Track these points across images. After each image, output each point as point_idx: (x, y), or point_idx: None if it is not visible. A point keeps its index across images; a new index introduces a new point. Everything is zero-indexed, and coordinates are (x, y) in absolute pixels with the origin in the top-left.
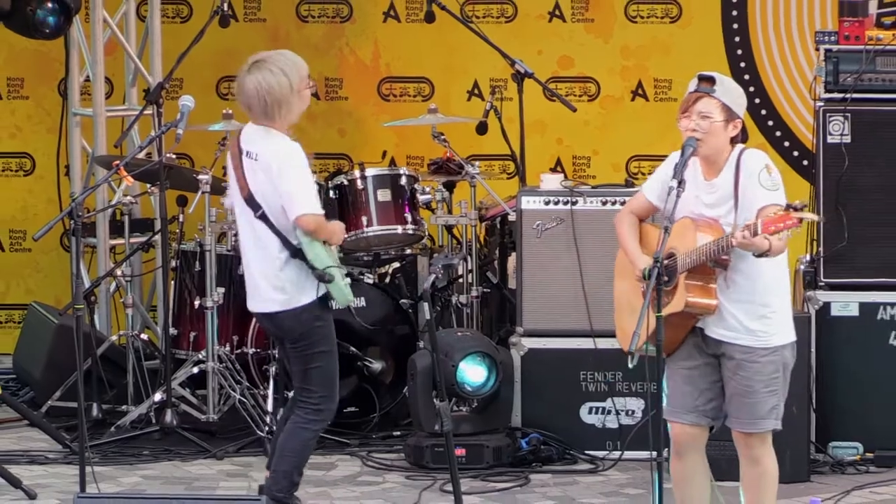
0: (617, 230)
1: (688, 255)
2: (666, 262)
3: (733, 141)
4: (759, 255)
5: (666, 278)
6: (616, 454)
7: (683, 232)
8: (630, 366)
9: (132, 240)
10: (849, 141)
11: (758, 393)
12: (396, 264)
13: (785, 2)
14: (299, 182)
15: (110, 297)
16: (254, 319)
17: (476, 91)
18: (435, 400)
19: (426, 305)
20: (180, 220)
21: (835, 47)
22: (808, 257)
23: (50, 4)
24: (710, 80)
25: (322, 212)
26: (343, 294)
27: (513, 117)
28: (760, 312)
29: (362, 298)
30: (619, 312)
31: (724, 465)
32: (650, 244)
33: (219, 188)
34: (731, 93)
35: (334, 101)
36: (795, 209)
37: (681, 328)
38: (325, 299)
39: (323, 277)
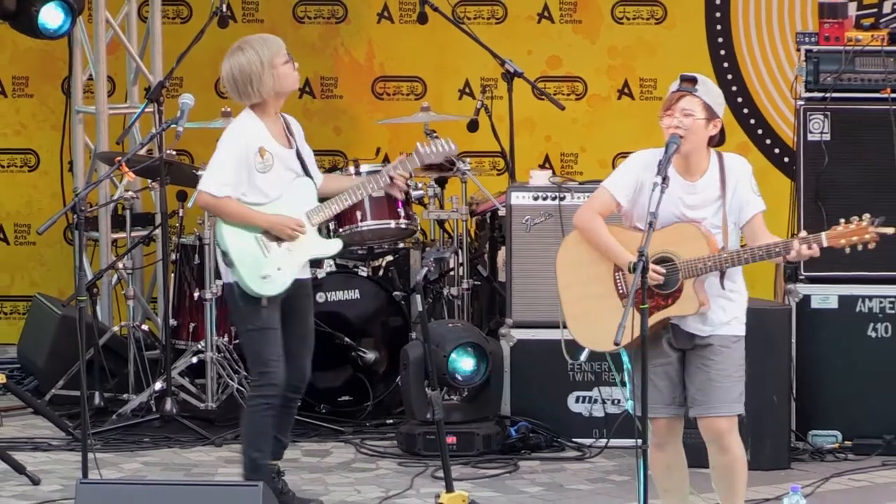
0: (592, 229)
1: (701, 260)
2: (665, 265)
3: (710, 142)
4: (788, 262)
5: (661, 279)
6: (602, 442)
7: (688, 237)
8: (580, 361)
9: (133, 234)
10: (828, 138)
11: (731, 377)
12: (389, 258)
13: (767, 4)
14: (214, 158)
15: (112, 289)
16: None
17: (467, 90)
18: (427, 389)
19: (418, 297)
20: (180, 214)
21: (815, 48)
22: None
23: (54, 5)
24: (693, 80)
25: (224, 194)
26: (245, 283)
27: (503, 115)
28: (729, 304)
29: (356, 290)
30: (575, 311)
31: (700, 452)
32: (624, 243)
33: None
34: (712, 93)
35: (330, 99)
36: (873, 223)
37: (657, 326)
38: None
39: (223, 259)
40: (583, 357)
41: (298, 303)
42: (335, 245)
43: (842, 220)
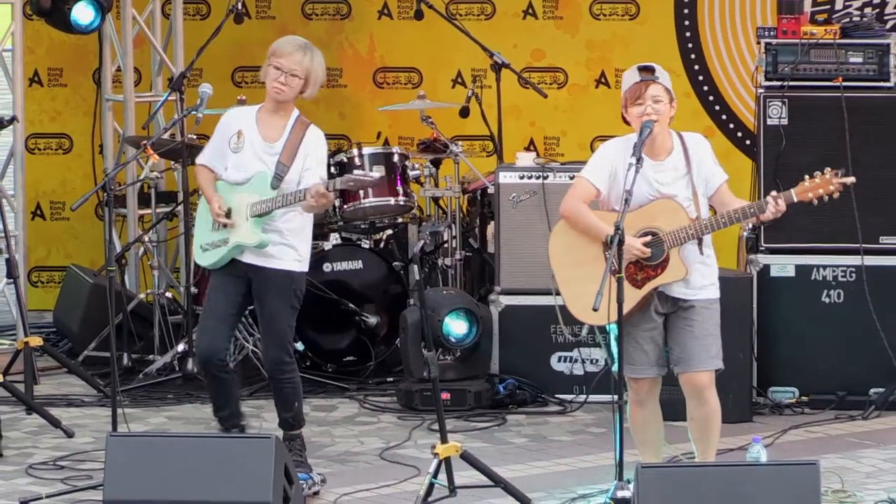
0: (580, 215)
1: (683, 230)
2: (650, 238)
3: (669, 122)
4: (761, 223)
5: (648, 252)
6: (582, 398)
7: (668, 211)
8: (586, 333)
9: (158, 210)
10: (786, 123)
11: (711, 335)
12: (390, 231)
13: (730, 1)
14: None
15: (139, 259)
16: None
17: (459, 80)
18: (423, 350)
19: (416, 267)
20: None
21: (774, 41)
22: (750, 225)
23: (85, 3)
24: (651, 70)
25: (200, 162)
26: (194, 248)
27: (491, 103)
28: (707, 270)
29: (360, 261)
30: (573, 294)
31: (674, 407)
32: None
33: None
34: (666, 78)
35: (335, 88)
36: (835, 173)
37: (648, 295)
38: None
39: None
40: (584, 331)
41: (257, 287)
42: (260, 238)
43: (806, 176)
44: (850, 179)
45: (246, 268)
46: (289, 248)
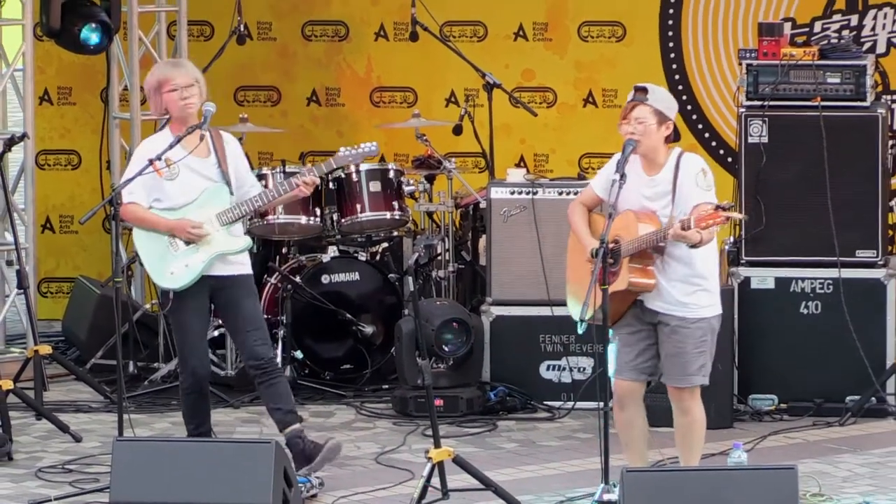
0: (570, 218)
1: (630, 242)
2: (612, 246)
3: (667, 140)
4: (692, 246)
5: (612, 260)
6: (569, 405)
7: (627, 223)
8: (580, 332)
9: None
10: (766, 141)
11: (688, 353)
12: (385, 244)
13: (713, 23)
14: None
15: (144, 271)
16: (264, 290)
17: (453, 99)
18: (418, 358)
19: (410, 279)
20: None
21: (755, 62)
22: (732, 239)
23: (93, 24)
24: (644, 91)
25: (129, 200)
26: (154, 279)
27: (483, 121)
28: (692, 289)
29: (357, 273)
30: (571, 286)
31: (660, 413)
32: (597, 230)
33: None
34: (663, 100)
35: (333, 107)
36: (724, 209)
37: (624, 302)
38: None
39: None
40: (583, 328)
41: (229, 295)
42: (243, 241)
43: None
44: (737, 215)
45: (213, 281)
46: (244, 253)
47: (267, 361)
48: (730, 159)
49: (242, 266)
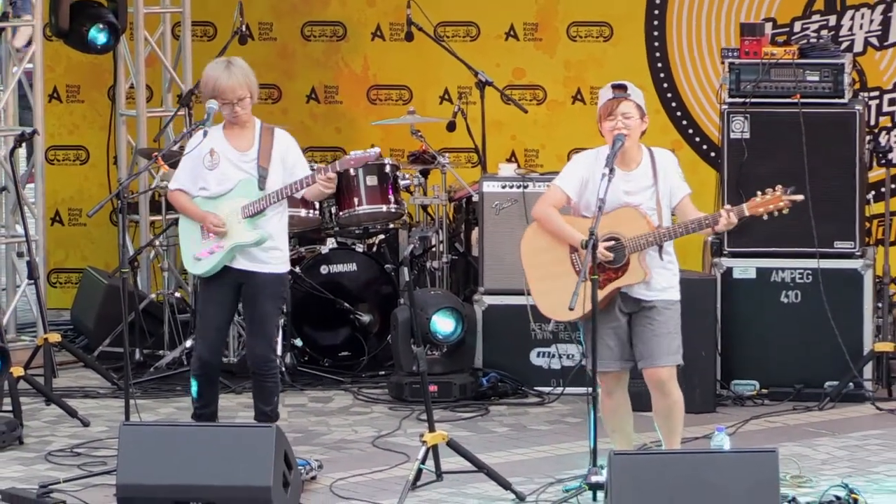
0: (549, 219)
1: (643, 237)
2: (613, 242)
3: (640, 136)
4: (716, 233)
5: (611, 256)
6: (559, 390)
7: (630, 219)
8: (552, 328)
9: (168, 216)
10: (748, 137)
11: (671, 333)
12: (382, 236)
13: (697, 23)
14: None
15: (150, 262)
16: None
17: (446, 96)
18: (413, 346)
19: (406, 269)
20: None
21: (737, 61)
22: (709, 235)
23: (101, 25)
24: (623, 87)
25: (174, 187)
26: (184, 261)
27: (476, 118)
28: (669, 275)
29: (354, 264)
30: (542, 292)
31: (642, 398)
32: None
33: None
34: (639, 95)
35: (332, 104)
36: (786, 192)
37: (610, 295)
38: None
39: None
40: (551, 325)
41: (250, 291)
42: (256, 235)
43: (758, 192)
44: (799, 197)
45: (238, 274)
46: (276, 250)
47: (262, 364)
48: (713, 154)
49: (268, 265)
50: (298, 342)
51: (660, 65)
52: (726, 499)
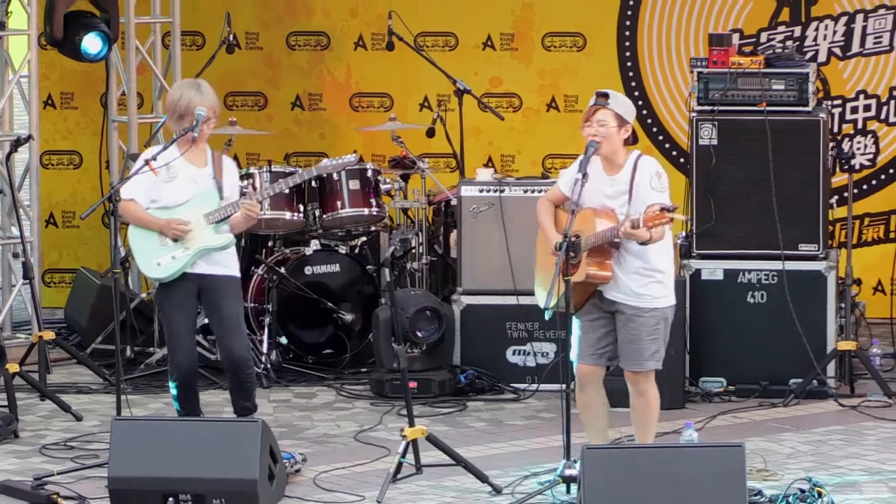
0: (538, 214)
1: (588, 237)
2: (573, 240)
3: (626, 142)
4: (642, 243)
5: (573, 254)
6: (534, 387)
7: (586, 219)
8: (547, 318)
9: None
10: (716, 143)
11: (643, 340)
12: (364, 238)
13: (667, 35)
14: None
15: None
16: (251, 280)
17: (426, 104)
18: (393, 344)
19: (387, 270)
20: None
21: (705, 70)
22: (684, 234)
23: (93, 35)
24: (605, 96)
25: (128, 197)
26: (143, 270)
27: (454, 124)
28: (646, 281)
29: (337, 265)
30: (540, 276)
31: (618, 394)
32: (561, 225)
33: None
34: (622, 105)
35: (316, 111)
36: (668, 210)
37: (585, 292)
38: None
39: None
40: (548, 314)
41: (212, 296)
42: (226, 238)
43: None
44: (679, 216)
45: (196, 278)
46: (231, 256)
47: (241, 363)
48: (682, 160)
49: (227, 268)
50: (283, 340)
51: (631, 74)
52: (695, 491)
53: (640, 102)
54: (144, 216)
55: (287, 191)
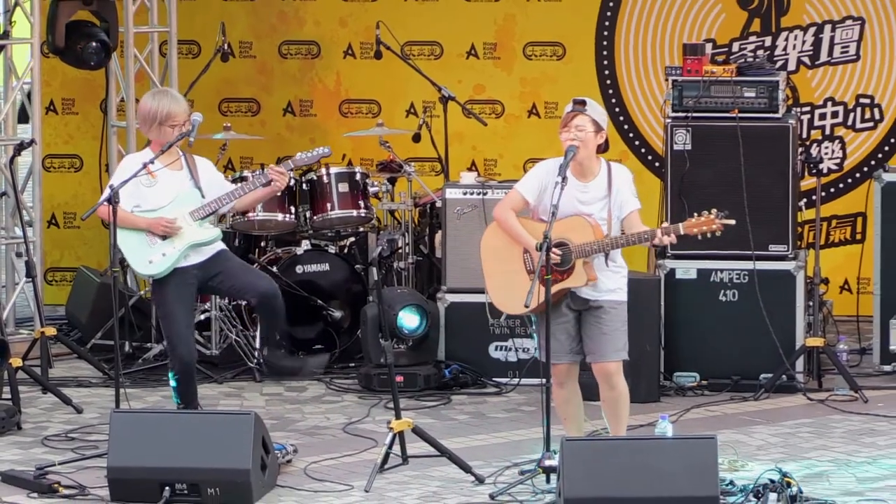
0: (506, 221)
1: (587, 245)
2: (561, 248)
3: (599, 150)
4: (655, 246)
5: (558, 259)
6: (515, 381)
7: (578, 227)
8: (500, 320)
9: None
10: (690, 148)
11: (618, 331)
12: (352, 239)
13: (643, 44)
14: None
15: None
16: None
17: (412, 110)
18: (381, 340)
19: (374, 269)
20: None
21: (680, 78)
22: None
23: (94, 44)
24: (582, 103)
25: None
26: (135, 270)
27: (439, 130)
28: (616, 277)
29: (327, 264)
30: (495, 285)
31: (592, 389)
32: (530, 232)
33: None
34: (597, 111)
35: (307, 117)
36: (719, 216)
37: (561, 293)
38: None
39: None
40: (502, 318)
41: (215, 268)
42: (213, 231)
43: (695, 214)
44: (731, 221)
45: (195, 270)
46: (217, 245)
47: (273, 291)
48: (657, 164)
49: (215, 248)
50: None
51: (608, 81)
52: (669, 482)
53: (617, 109)
54: (130, 217)
55: (291, 172)
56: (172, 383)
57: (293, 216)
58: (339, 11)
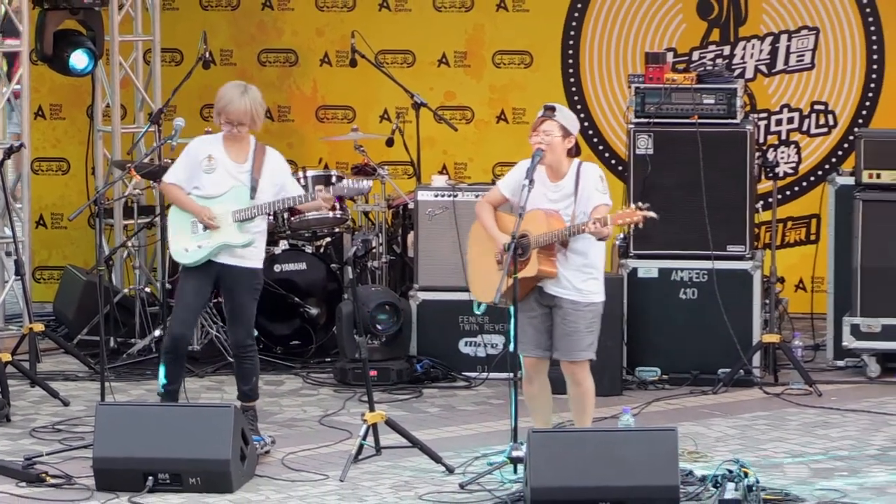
0: (480, 215)
1: (542, 235)
2: (521, 239)
3: (570, 153)
4: (600, 239)
5: (521, 251)
6: (484, 375)
7: (535, 220)
8: (477, 312)
9: (139, 220)
10: (652, 153)
11: (581, 332)
12: (328, 239)
13: (607, 53)
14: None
15: (123, 261)
16: None
17: (386, 116)
18: (355, 336)
19: (349, 268)
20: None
21: (642, 86)
22: (622, 235)
23: (80, 51)
24: (552, 108)
25: (170, 181)
26: (172, 250)
27: (412, 135)
28: (585, 277)
29: (304, 263)
30: (473, 271)
31: (561, 383)
32: (503, 226)
33: None
34: (567, 117)
35: (285, 122)
36: (641, 208)
37: (528, 286)
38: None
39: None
40: (481, 309)
41: (229, 283)
42: (243, 238)
43: (623, 206)
44: (652, 214)
45: (218, 267)
46: (255, 248)
47: (240, 348)
48: (620, 168)
49: (248, 260)
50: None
51: (574, 89)
52: (632, 471)
53: (582, 115)
54: (184, 199)
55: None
56: (162, 361)
57: (271, 217)
58: (315, 21)
